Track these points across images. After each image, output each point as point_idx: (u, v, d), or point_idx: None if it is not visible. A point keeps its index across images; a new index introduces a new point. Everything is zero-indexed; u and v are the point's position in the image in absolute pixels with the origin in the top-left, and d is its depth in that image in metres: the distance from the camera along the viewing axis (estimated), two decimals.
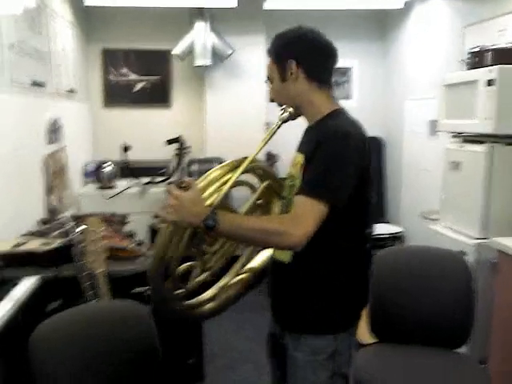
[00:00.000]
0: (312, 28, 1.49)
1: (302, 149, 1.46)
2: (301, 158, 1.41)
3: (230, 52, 4.33)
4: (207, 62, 4.28)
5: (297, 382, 1.45)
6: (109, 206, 3.61)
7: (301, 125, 1.56)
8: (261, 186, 1.58)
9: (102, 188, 4.04)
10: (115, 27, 4.50)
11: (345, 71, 4.92)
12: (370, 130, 5.19)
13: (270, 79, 1.50)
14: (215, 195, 1.37)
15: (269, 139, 1.46)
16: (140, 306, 1.65)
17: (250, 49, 4.51)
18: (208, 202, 1.34)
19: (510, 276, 2.18)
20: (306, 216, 1.27)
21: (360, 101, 4.86)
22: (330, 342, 1.41)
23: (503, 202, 2.44)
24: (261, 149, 1.42)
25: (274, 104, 1.54)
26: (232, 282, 1.65)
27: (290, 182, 1.46)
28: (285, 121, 1.47)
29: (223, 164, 1.45)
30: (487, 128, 2.42)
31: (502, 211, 2.44)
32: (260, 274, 1.68)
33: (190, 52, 4.32)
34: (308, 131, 1.50)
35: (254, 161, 1.45)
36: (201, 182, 1.37)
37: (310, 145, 1.37)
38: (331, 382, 1.42)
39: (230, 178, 1.39)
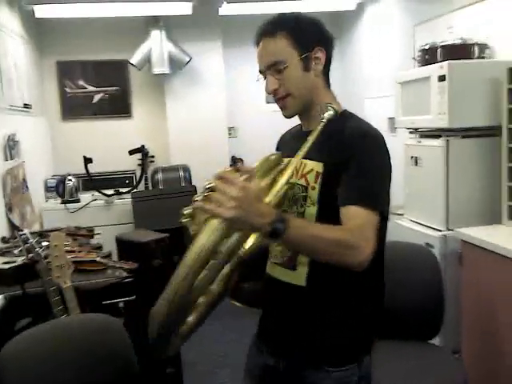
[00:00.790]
0: None
1: (315, 156, 1.18)
2: (316, 165, 1.18)
3: (187, 59, 4.33)
4: (165, 70, 4.27)
5: None
6: (74, 219, 3.54)
7: (261, 128, 1.53)
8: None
9: (65, 202, 3.96)
10: (69, 39, 4.42)
11: None
12: None
13: (278, 65, 1.20)
14: (274, 192, 1.09)
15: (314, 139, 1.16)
16: (112, 319, 1.63)
17: (208, 55, 4.53)
18: (266, 200, 1.06)
19: (474, 265, 2.25)
20: (368, 229, 1.08)
21: None
22: (354, 371, 1.22)
23: (463, 193, 2.52)
24: (305, 152, 1.15)
25: (236, 108, 1.41)
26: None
27: (300, 192, 1.21)
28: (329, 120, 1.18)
29: (261, 161, 1.18)
30: (442, 122, 2.50)
31: (462, 202, 2.52)
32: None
33: (147, 61, 4.30)
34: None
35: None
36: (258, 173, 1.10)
37: (333, 151, 1.16)
38: None
39: (281, 177, 1.13)
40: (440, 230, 2.52)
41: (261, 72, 1.26)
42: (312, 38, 1.22)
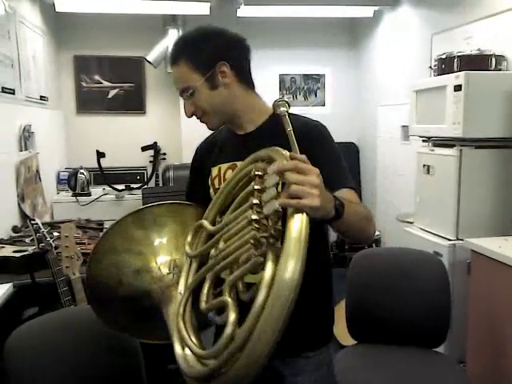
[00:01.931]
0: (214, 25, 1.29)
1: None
2: None
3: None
4: None
5: None
6: (84, 213, 3.56)
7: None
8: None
9: (76, 195, 3.99)
10: (87, 34, 4.47)
11: (318, 78, 5.00)
12: (344, 135, 5.32)
13: (187, 91, 1.23)
14: None
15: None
16: None
17: None
18: None
19: (482, 275, 2.24)
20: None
21: (333, 108, 4.95)
22: (327, 354, 1.34)
23: (474, 204, 2.51)
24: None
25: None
26: None
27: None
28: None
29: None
30: (456, 132, 2.49)
31: (473, 212, 2.51)
32: None
33: (163, 59, 4.32)
34: (254, 137, 1.27)
35: None
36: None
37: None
38: None
39: None
40: (449, 239, 2.51)
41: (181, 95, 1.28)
42: (210, 56, 1.22)
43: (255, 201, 0.92)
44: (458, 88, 2.46)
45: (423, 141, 2.96)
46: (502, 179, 2.50)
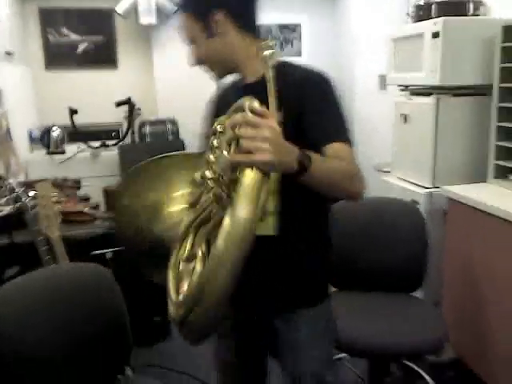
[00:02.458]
0: None
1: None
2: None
3: (175, 9, 4.19)
4: (152, 20, 4.14)
5: (301, 362, 1.32)
6: (60, 171, 3.49)
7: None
8: None
9: (50, 153, 3.90)
10: None
11: (294, 28, 4.88)
12: None
13: (190, 40, 1.26)
14: None
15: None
16: (102, 268, 1.64)
17: None
18: None
19: (459, 222, 2.30)
20: (355, 159, 1.16)
21: (310, 58, 4.86)
22: (324, 309, 1.36)
23: (451, 152, 2.54)
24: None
25: None
26: None
27: None
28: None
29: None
30: (433, 80, 2.48)
31: (449, 160, 2.54)
32: None
33: (133, 10, 4.15)
34: (255, 87, 1.15)
35: None
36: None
37: (289, 98, 1.13)
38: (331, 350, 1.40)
39: None
40: (426, 188, 2.55)
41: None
42: (204, 5, 1.21)
43: (211, 157, 0.94)
44: (435, 35, 2.43)
45: (401, 90, 2.95)
46: (479, 127, 2.52)
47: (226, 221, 0.85)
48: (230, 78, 1.40)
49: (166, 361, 2.55)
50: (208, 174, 0.94)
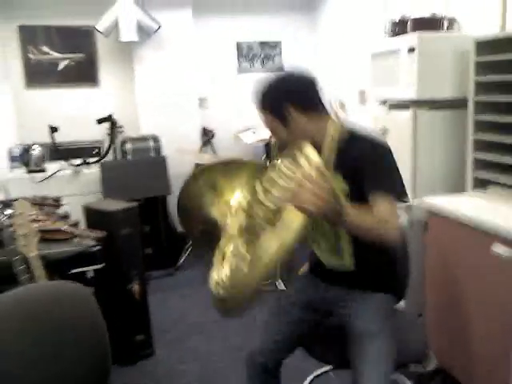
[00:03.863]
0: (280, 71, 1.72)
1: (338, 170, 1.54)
2: (339, 185, 1.54)
3: (156, 27, 4.22)
4: (133, 37, 4.16)
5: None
6: (40, 189, 3.46)
7: (233, 99, 1.65)
8: None
9: (30, 172, 3.86)
10: (32, 2, 4.24)
11: (275, 45, 4.94)
12: None
13: (271, 129, 1.62)
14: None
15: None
16: (81, 286, 1.61)
17: (178, 23, 4.43)
18: None
19: (438, 233, 2.31)
20: (392, 209, 1.44)
21: None
22: (391, 298, 1.73)
23: (430, 164, 2.57)
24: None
25: (207, 78, 1.63)
26: None
27: None
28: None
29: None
30: (410, 94, 2.53)
31: (429, 172, 2.58)
32: None
33: (114, 27, 4.17)
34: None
35: None
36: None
37: (348, 165, 1.50)
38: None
39: None
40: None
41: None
42: (278, 103, 1.54)
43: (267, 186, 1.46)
44: (411, 50, 2.49)
45: (379, 104, 2.99)
46: (456, 139, 2.56)
47: (265, 239, 1.30)
48: None
49: (149, 380, 2.51)
50: (261, 197, 1.41)
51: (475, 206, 2.23)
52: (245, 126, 4.47)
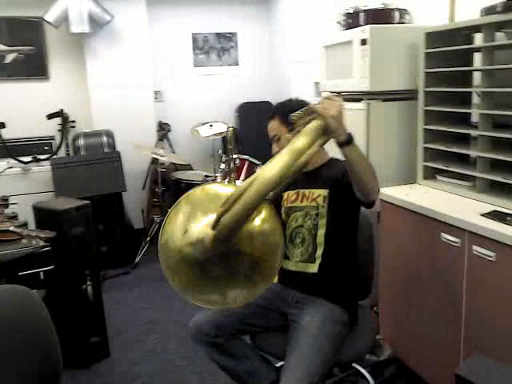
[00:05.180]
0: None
1: (317, 185, 1.85)
2: (322, 191, 1.83)
3: (108, 18, 4.10)
4: (85, 29, 4.03)
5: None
6: None
7: (189, 92, 1.54)
8: None
9: None
10: None
11: (231, 37, 4.90)
12: (259, 95, 5.26)
13: (275, 137, 1.88)
14: None
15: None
16: (26, 289, 1.55)
17: (131, 14, 4.33)
18: None
19: (391, 223, 2.35)
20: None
21: (247, 67, 4.89)
22: (339, 314, 1.79)
23: (383, 155, 2.60)
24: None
25: (163, 71, 1.63)
26: None
27: (312, 211, 1.82)
28: None
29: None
30: (363, 86, 2.54)
31: (382, 163, 2.59)
32: None
33: (64, 19, 4.03)
34: (313, 173, 1.88)
35: None
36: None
37: (332, 180, 1.81)
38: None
39: None
40: None
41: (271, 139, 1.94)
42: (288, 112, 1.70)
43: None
44: (363, 42, 2.50)
45: None
46: (408, 130, 2.60)
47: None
48: None
49: (104, 382, 2.45)
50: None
51: (424, 195, 2.27)
52: (202, 120, 4.42)
